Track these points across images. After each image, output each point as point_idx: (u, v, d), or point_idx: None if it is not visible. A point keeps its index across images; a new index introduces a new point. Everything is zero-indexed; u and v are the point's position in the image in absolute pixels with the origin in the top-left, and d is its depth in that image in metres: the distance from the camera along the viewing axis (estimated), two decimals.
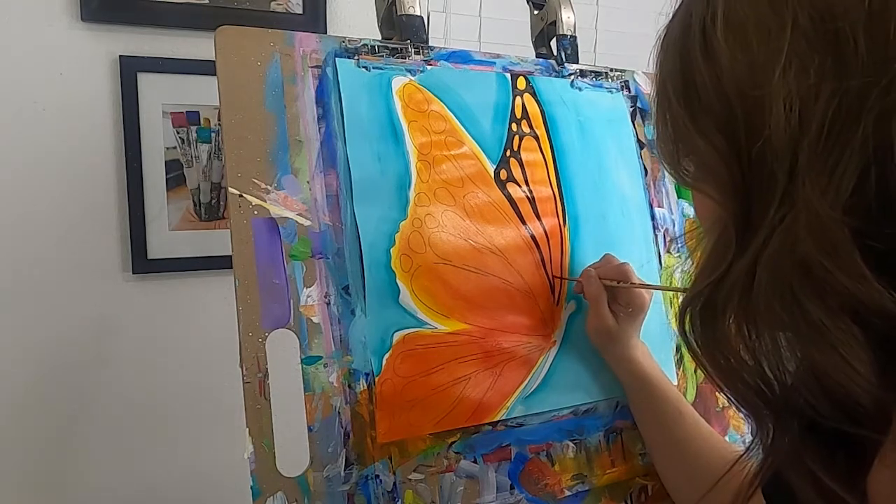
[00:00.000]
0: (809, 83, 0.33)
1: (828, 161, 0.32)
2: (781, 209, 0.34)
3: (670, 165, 0.42)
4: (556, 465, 0.69)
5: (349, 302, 0.61)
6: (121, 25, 1.00)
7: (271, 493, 0.56)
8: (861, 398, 0.33)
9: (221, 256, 1.04)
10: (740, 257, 0.36)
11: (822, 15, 0.33)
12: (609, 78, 0.82)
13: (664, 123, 0.41)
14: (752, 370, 0.38)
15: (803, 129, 0.33)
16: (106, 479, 1.05)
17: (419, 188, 0.66)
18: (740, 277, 0.36)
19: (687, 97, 0.38)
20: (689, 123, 0.38)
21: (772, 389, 0.38)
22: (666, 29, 0.41)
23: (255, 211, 0.59)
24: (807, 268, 0.33)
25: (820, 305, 0.33)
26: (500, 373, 0.67)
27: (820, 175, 0.32)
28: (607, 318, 0.68)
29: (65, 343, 1.01)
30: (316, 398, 0.59)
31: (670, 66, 0.40)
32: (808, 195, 0.33)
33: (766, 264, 0.34)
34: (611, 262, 0.71)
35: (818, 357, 0.34)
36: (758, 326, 0.36)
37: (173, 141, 1.04)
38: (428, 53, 0.70)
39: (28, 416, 1.00)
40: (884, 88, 0.31)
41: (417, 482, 0.62)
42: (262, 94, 0.61)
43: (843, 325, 0.33)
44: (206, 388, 1.08)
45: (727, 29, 0.36)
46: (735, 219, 0.37)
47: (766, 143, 0.34)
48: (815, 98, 0.33)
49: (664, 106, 0.41)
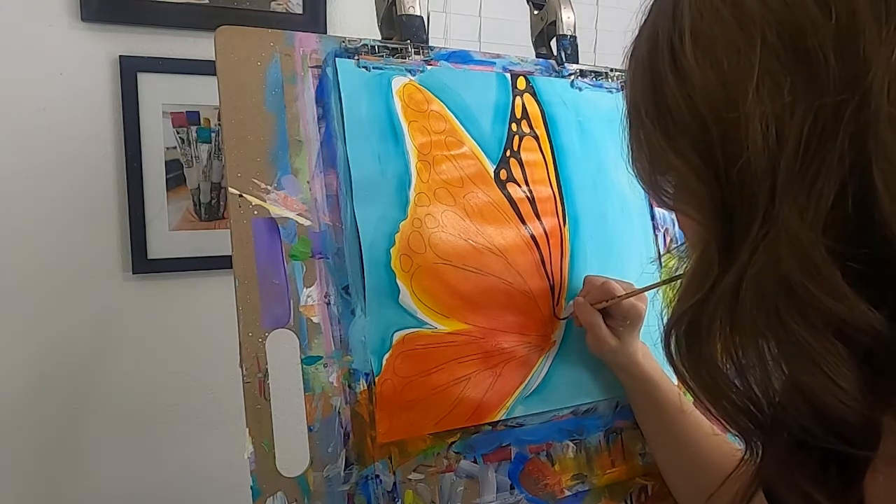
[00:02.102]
0: (784, 102, 0.32)
1: (805, 179, 0.32)
2: (763, 228, 0.33)
3: (648, 185, 0.42)
4: (556, 465, 0.69)
5: (349, 302, 0.61)
6: (121, 25, 1.00)
7: (271, 493, 0.56)
8: (848, 416, 0.33)
9: (221, 256, 1.04)
10: (724, 276, 0.35)
11: (791, 33, 0.32)
12: (609, 78, 0.82)
13: (639, 143, 0.40)
14: (739, 390, 0.37)
15: (781, 147, 0.32)
16: (106, 479, 1.05)
17: (419, 188, 0.66)
18: (725, 296, 0.35)
19: (660, 117, 0.38)
20: (664, 144, 0.38)
21: (760, 409, 0.37)
22: (633, 45, 0.40)
23: (255, 211, 0.59)
24: (789, 287, 0.33)
25: (803, 324, 0.33)
26: (500, 373, 0.67)
27: (798, 194, 0.32)
28: (608, 339, 0.68)
29: (65, 343, 1.01)
30: (316, 398, 0.59)
31: (640, 85, 0.39)
32: (787, 215, 0.32)
33: (751, 283, 0.34)
34: (593, 284, 0.70)
35: (803, 376, 0.34)
36: (743, 346, 0.36)
37: (173, 141, 1.04)
38: (428, 53, 0.70)
39: (28, 415, 1.00)
40: (858, 105, 0.31)
41: (417, 482, 0.62)
42: (262, 94, 0.61)
43: (828, 344, 0.33)
44: (206, 388, 1.08)
45: (696, 48, 0.35)
46: (717, 238, 0.36)
47: (745, 164, 0.33)
48: (790, 116, 0.32)
49: (637, 125, 0.40)
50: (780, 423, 0.37)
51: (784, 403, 0.36)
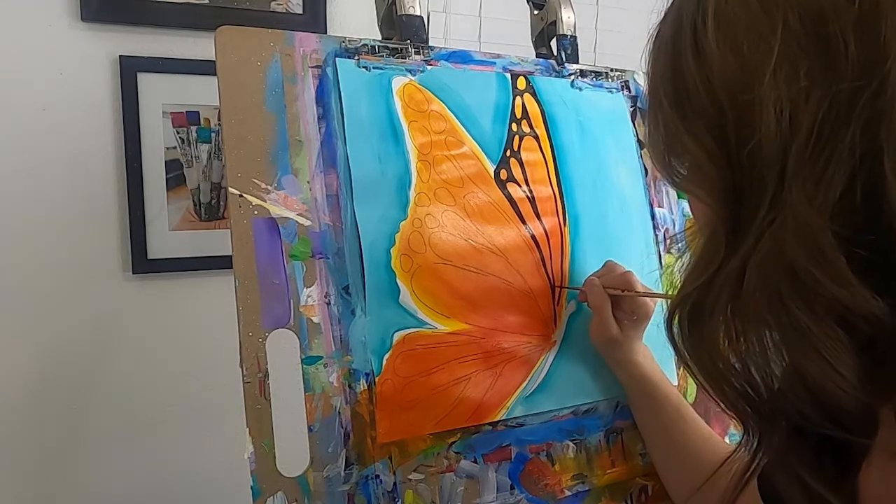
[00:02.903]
0: (800, 86, 0.33)
1: (816, 166, 0.32)
2: (771, 213, 0.34)
3: (661, 166, 0.42)
4: (556, 465, 0.69)
5: (349, 302, 0.61)
6: (121, 25, 1.00)
7: (271, 493, 0.56)
8: (846, 403, 0.33)
9: (221, 256, 1.04)
10: (730, 260, 0.36)
11: (813, 17, 0.33)
12: (609, 78, 0.82)
13: (655, 124, 0.41)
14: (739, 374, 0.38)
15: (793, 132, 0.33)
16: (106, 478, 1.05)
17: (419, 188, 0.66)
18: (729, 280, 0.36)
19: (678, 99, 0.38)
20: (679, 125, 0.38)
21: (758, 393, 0.38)
22: (658, 28, 0.41)
23: (255, 211, 0.59)
24: (794, 273, 0.33)
25: (806, 310, 0.33)
26: (501, 373, 0.67)
27: (808, 180, 0.32)
28: (612, 327, 0.68)
29: (65, 343, 1.01)
30: (316, 398, 0.59)
31: (661, 67, 0.40)
32: (795, 201, 0.33)
33: (756, 268, 0.34)
34: (614, 270, 0.69)
35: (804, 362, 0.34)
36: (745, 330, 0.36)
37: (173, 141, 1.04)
38: (428, 53, 0.70)
39: (28, 415, 1.00)
40: (874, 92, 0.31)
41: (417, 482, 0.62)
42: (262, 94, 0.61)
43: (830, 331, 0.33)
44: (206, 388, 1.08)
45: (718, 30, 0.36)
46: (725, 221, 0.37)
47: (756, 146, 0.34)
48: (805, 101, 0.32)
49: (655, 107, 0.41)
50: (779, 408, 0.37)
51: (784, 389, 0.36)
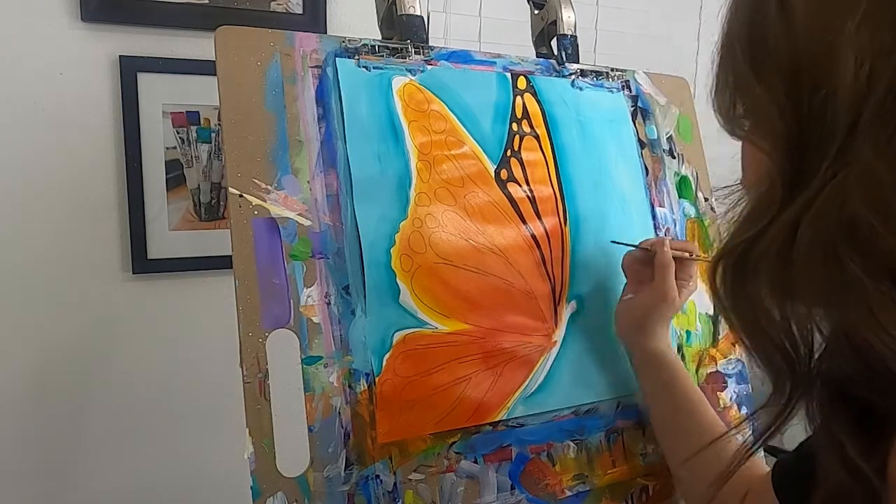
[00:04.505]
0: (884, 40, 0.32)
1: (891, 122, 0.32)
2: (835, 165, 0.33)
3: (726, 119, 0.41)
4: (556, 465, 0.69)
5: (349, 302, 0.61)
6: (121, 25, 1.00)
7: (271, 493, 0.56)
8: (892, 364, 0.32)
9: (221, 256, 1.03)
10: (783, 212, 0.35)
11: None
12: (609, 78, 0.82)
13: (725, 74, 0.40)
14: (780, 330, 0.37)
15: (871, 86, 0.32)
16: (106, 478, 1.05)
17: (419, 188, 0.66)
18: (781, 233, 0.35)
19: (753, 47, 0.38)
20: (750, 72, 0.38)
21: (797, 352, 0.37)
22: None
23: (255, 211, 0.59)
24: (853, 226, 0.32)
25: (862, 265, 0.33)
26: (501, 373, 0.67)
27: (880, 135, 0.32)
28: (674, 287, 0.69)
29: (65, 343, 1.01)
30: (316, 398, 0.59)
31: (740, 13, 0.39)
32: (866, 153, 0.32)
33: (811, 221, 0.34)
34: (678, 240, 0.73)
35: (853, 317, 0.33)
36: (792, 284, 0.36)
37: (173, 141, 1.04)
38: (428, 53, 0.70)
39: (28, 415, 1.00)
40: None
41: (418, 482, 0.62)
42: (262, 94, 0.61)
43: (883, 288, 0.32)
44: (206, 388, 1.08)
45: None
46: (784, 173, 0.36)
47: (829, 95, 0.33)
48: (887, 56, 0.32)
49: (728, 57, 0.40)
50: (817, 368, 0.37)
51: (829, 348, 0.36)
